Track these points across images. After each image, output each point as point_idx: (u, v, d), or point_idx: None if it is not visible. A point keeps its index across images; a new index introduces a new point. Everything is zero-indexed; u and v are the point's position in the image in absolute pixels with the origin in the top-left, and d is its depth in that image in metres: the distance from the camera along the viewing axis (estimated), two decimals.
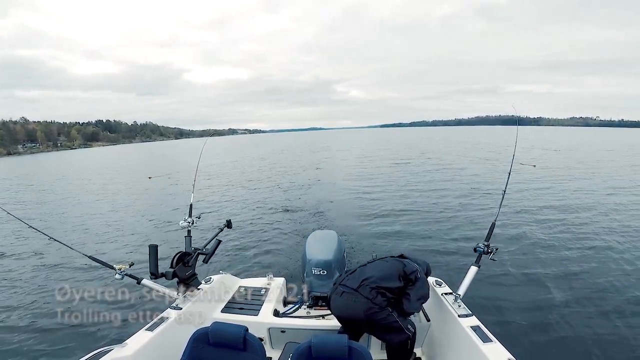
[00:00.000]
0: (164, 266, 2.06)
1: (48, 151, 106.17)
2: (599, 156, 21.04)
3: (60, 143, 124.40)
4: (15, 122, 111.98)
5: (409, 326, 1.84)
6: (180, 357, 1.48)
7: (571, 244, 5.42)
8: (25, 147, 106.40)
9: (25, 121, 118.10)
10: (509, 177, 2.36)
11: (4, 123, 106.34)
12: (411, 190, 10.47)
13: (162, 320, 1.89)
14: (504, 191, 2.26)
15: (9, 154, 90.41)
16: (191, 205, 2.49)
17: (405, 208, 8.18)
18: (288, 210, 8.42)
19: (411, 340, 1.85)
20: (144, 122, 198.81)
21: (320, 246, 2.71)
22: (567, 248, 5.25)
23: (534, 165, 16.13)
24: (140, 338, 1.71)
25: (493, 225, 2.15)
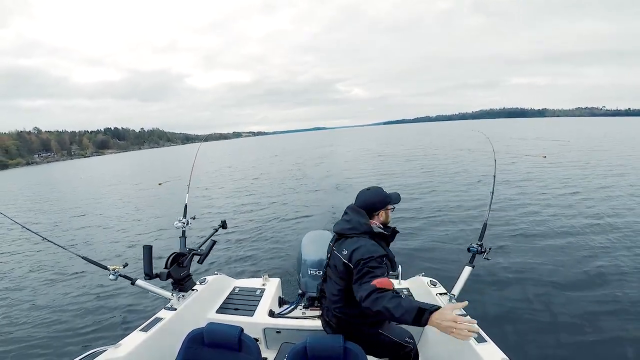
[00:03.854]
0: (158, 267, 2.06)
1: (63, 160, 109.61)
2: (610, 147, 20.42)
3: (74, 152, 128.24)
4: (29, 133, 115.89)
5: (407, 338, 1.66)
6: (175, 358, 1.48)
7: (568, 242, 5.28)
8: (41, 156, 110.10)
9: (38, 131, 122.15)
10: (494, 179, 2.40)
11: (20, 133, 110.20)
12: (405, 189, 10.30)
13: (156, 320, 1.90)
14: (492, 192, 2.28)
15: (27, 163, 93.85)
16: (186, 206, 2.51)
17: (397, 207, 8.04)
18: (283, 211, 8.44)
19: (414, 352, 1.68)
20: (152, 129, 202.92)
21: (316, 247, 2.69)
22: (563, 247, 5.12)
23: (545, 157, 15.77)
24: (134, 339, 1.72)
25: (485, 225, 2.14)
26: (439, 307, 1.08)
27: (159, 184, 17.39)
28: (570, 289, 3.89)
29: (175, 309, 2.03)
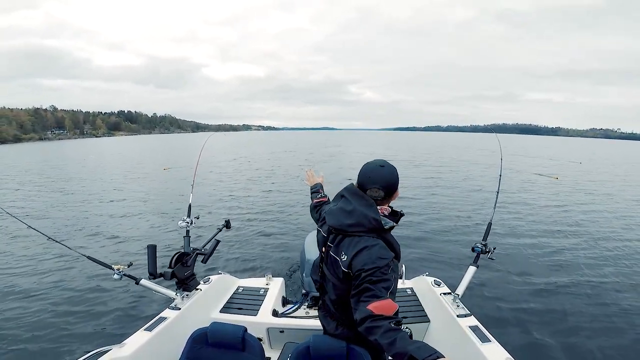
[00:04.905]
0: (162, 266, 2.07)
1: (75, 138, 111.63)
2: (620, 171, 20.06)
3: (86, 131, 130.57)
4: (45, 110, 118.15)
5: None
6: (179, 357, 1.49)
7: (571, 244, 5.36)
8: (54, 133, 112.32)
9: (54, 109, 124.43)
10: (500, 180, 2.42)
11: (36, 110, 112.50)
12: (411, 190, 10.36)
13: (160, 320, 1.91)
14: (497, 192, 2.30)
15: (40, 139, 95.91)
16: (190, 206, 2.51)
17: (400, 207, 8.03)
18: (287, 210, 8.44)
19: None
20: (163, 115, 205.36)
21: None
22: (566, 248, 5.18)
23: (557, 178, 15.49)
24: (139, 338, 1.73)
25: (489, 225, 2.14)
26: (436, 357, 0.88)
27: (164, 169, 17.53)
28: (574, 289, 3.91)
29: (179, 309, 2.05)
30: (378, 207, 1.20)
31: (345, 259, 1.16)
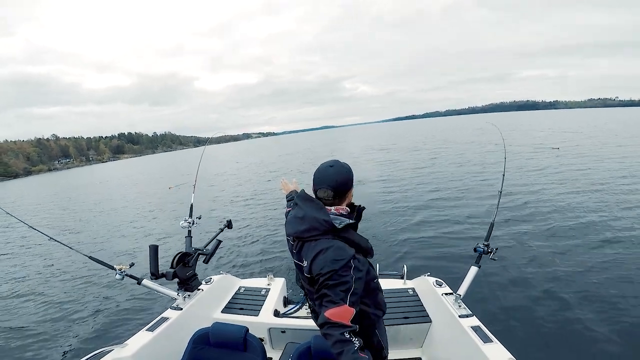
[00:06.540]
0: (164, 266, 2.08)
1: (82, 165, 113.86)
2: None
3: (92, 157, 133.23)
4: (47, 140, 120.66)
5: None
6: (181, 357, 1.49)
7: (576, 242, 5.06)
8: (61, 162, 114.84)
9: (56, 138, 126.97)
10: (503, 178, 2.34)
11: (39, 141, 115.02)
12: (409, 189, 10.10)
13: (162, 320, 1.92)
14: (500, 192, 2.22)
15: (49, 170, 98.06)
16: (192, 206, 2.52)
17: (403, 207, 7.92)
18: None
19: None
20: (164, 133, 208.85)
21: None
22: (571, 247, 4.91)
23: (557, 148, 15.23)
24: (141, 338, 1.73)
25: (492, 225, 2.10)
26: None
27: (169, 187, 17.41)
28: (577, 289, 3.77)
29: (181, 309, 2.05)
30: (333, 208, 1.20)
31: (305, 265, 1.17)
